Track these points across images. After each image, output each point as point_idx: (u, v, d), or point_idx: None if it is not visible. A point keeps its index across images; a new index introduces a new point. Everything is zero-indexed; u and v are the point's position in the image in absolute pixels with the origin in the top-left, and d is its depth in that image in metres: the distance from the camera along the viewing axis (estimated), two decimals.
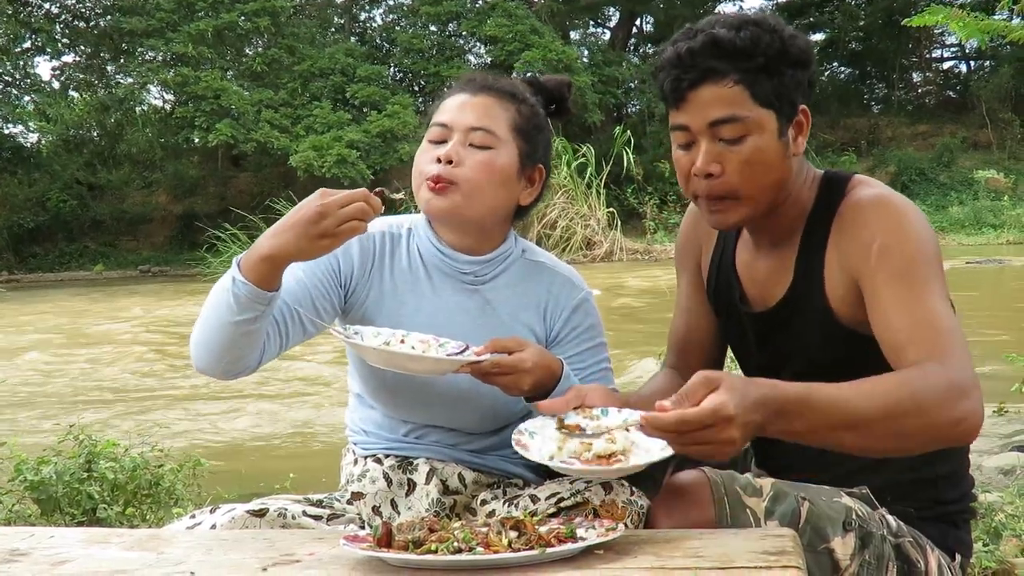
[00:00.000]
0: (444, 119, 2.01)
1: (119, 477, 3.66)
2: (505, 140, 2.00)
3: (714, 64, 1.80)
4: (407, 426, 2.07)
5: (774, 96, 1.82)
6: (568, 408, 1.79)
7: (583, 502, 1.82)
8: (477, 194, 1.98)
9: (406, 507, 2.01)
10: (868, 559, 1.79)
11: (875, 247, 1.79)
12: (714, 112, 1.82)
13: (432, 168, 1.97)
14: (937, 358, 1.66)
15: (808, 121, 1.90)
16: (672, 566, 1.46)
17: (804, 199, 1.93)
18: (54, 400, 8.38)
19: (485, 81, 2.06)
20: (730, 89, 1.81)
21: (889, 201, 1.84)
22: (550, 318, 2.08)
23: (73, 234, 31.22)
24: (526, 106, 2.05)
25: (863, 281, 1.81)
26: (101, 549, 1.70)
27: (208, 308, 1.91)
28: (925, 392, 1.60)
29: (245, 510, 1.94)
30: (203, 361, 1.94)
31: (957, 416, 1.61)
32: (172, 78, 28.56)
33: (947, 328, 1.71)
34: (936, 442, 1.67)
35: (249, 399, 8.04)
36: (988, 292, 14.25)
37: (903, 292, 1.75)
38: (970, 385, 1.64)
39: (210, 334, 1.90)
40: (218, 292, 1.88)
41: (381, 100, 28.21)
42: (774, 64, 1.81)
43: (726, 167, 1.83)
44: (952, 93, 34.25)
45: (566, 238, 21.86)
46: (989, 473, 4.42)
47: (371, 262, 2.06)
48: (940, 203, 26.80)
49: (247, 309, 1.83)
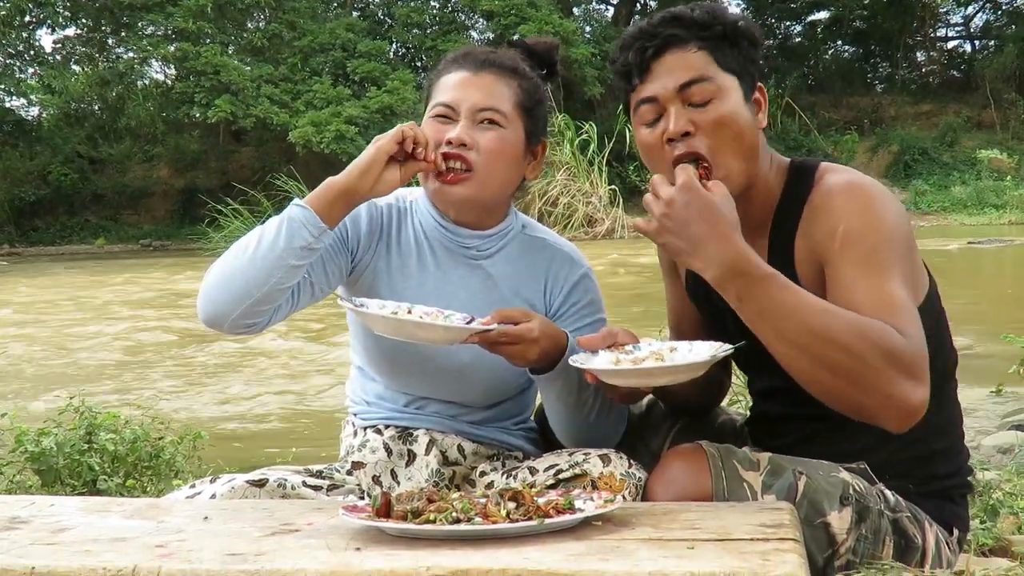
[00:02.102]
0: (448, 99, 1.98)
1: (119, 449, 3.66)
2: (512, 119, 1.99)
3: (676, 32, 1.84)
4: (407, 397, 2.07)
5: (735, 63, 1.85)
6: (603, 345, 1.81)
7: (581, 474, 1.83)
8: (491, 179, 1.98)
9: (406, 477, 2.02)
10: (865, 533, 1.79)
11: (840, 232, 1.78)
12: (682, 75, 1.82)
13: (442, 148, 1.95)
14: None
15: (765, 99, 1.91)
16: (669, 538, 1.47)
17: (772, 187, 1.92)
18: (55, 373, 8.40)
19: (484, 56, 2.03)
20: (694, 54, 1.84)
21: (858, 186, 1.83)
22: (550, 294, 2.08)
23: (74, 208, 31.20)
24: (527, 80, 2.03)
25: (828, 266, 1.80)
26: (101, 517, 1.71)
27: (241, 249, 1.87)
28: (877, 344, 1.61)
29: (245, 480, 1.94)
30: (218, 305, 1.86)
31: (898, 391, 1.61)
32: (173, 53, 28.48)
33: (906, 311, 1.69)
34: (862, 402, 1.64)
35: (252, 374, 8.06)
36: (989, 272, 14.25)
37: (863, 276, 1.73)
38: (918, 369, 1.63)
39: (242, 271, 1.84)
40: (263, 230, 1.86)
41: (381, 76, 28.09)
42: (731, 34, 1.85)
43: (700, 127, 1.82)
44: (956, 72, 34.10)
45: (567, 215, 21.82)
46: (987, 452, 4.43)
47: (379, 233, 2.06)
48: (943, 183, 26.74)
49: (299, 238, 1.82)
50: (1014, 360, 5.34)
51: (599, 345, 1.81)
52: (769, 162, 1.93)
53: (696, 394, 2.06)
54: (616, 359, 1.77)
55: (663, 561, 1.35)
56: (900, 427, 1.66)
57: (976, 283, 12.13)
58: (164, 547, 1.50)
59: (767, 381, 2.04)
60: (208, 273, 1.91)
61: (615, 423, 2.00)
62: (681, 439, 2.04)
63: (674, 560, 1.35)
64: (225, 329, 1.91)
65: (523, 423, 2.16)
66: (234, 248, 1.89)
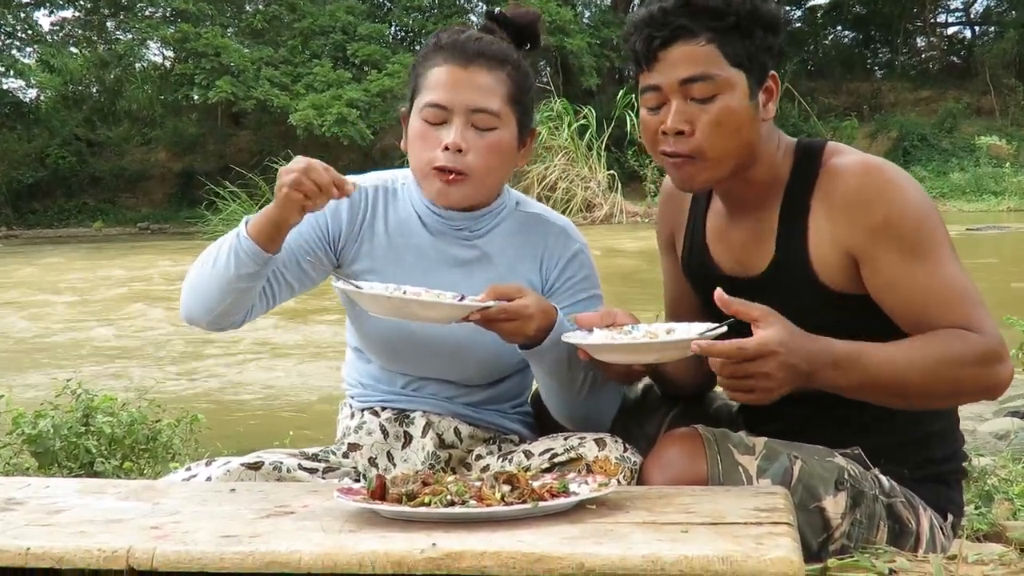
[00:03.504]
0: (440, 99, 1.96)
1: (116, 431, 3.67)
2: (505, 116, 1.98)
3: (686, 23, 1.80)
4: (404, 378, 2.07)
5: (745, 57, 1.82)
6: (601, 324, 1.81)
7: (576, 458, 1.83)
8: (488, 180, 1.99)
9: (402, 459, 2.02)
10: (859, 518, 1.80)
11: (878, 225, 1.78)
12: (685, 70, 1.81)
13: (439, 157, 1.94)
14: (965, 325, 1.72)
15: (778, 87, 1.89)
16: (664, 521, 1.47)
17: (779, 167, 1.92)
18: (51, 355, 8.40)
19: (473, 47, 1.98)
20: (702, 48, 1.81)
21: (880, 171, 1.83)
22: (546, 269, 2.07)
23: (72, 190, 31.12)
24: (516, 69, 2.01)
25: (868, 259, 1.80)
26: (96, 499, 1.71)
27: (207, 259, 1.93)
28: (964, 359, 1.70)
29: (240, 463, 1.95)
30: (192, 310, 1.98)
31: (994, 382, 1.73)
32: (172, 35, 28.36)
33: (968, 293, 1.76)
34: (966, 400, 1.86)
35: (248, 359, 8.06)
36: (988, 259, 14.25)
37: (916, 266, 1.76)
38: (1003, 351, 1.74)
39: (206, 284, 1.93)
40: (220, 246, 1.91)
41: (381, 59, 28.00)
42: (746, 24, 1.81)
43: (695, 126, 1.82)
44: (956, 59, 34.00)
45: (566, 200, 21.76)
46: (984, 438, 4.43)
47: (362, 217, 2.06)
48: (941, 169, 26.69)
49: (245, 266, 1.87)
50: (1012, 345, 5.34)
51: (597, 324, 1.81)
52: (775, 143, 1.92)
53: (692, 376, 2.06)
54: (611, 338, 1.77)
55: (657, 545, 1.35)
56: (998, 397, 1.82)
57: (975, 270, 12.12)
58: (159, 529, 1.50)
59: None
60: (187, 275, 1.99)
61: (608, 400, 2.00)
62: (677, 424, 2.04)
63: (668, 544, 1.36)
64: (203, 328, 2.02)
65: (519, 407, 2.16)
66: (201, 257, 1.96)
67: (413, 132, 2.00)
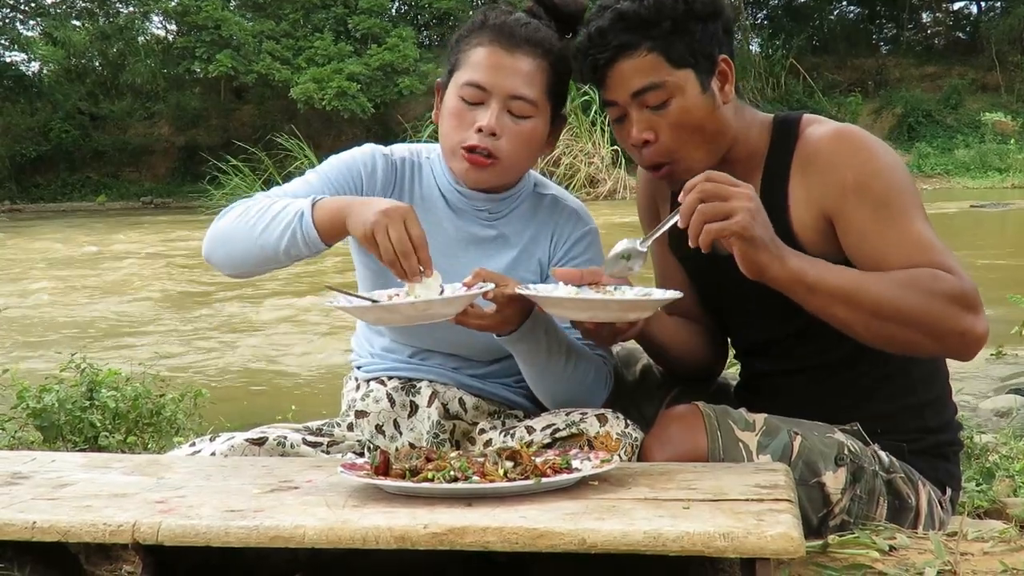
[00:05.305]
0: (481, 80, 1.94)
1: (121, 406, 3.68)
2: (541, 106, 1.97)
3: (624, 38, 1.84)
4: (412, 349, 2.08)
5: (689, 55, 1.85)
6: (583, 281, 1.79)
7: (578, 434, 1.84)
8: (515, 167, 2.00)
9: (408, 428, 2.04)
10: (859, 494, 1.82)
11: (848, 182, 1.81)
12: (634, 83, 1.85)
13: (471, 137, 1.94)
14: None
15: (731, 70, 1.91)
16: (665, 498, 1.48)
17: (756, 142, 1.95)
18: (55, 329, 8.42)
19: (521, 32, 1.96)
20: (645, 58, 1.84)
21: (849, 133, 1.87)
22: (553, 246, 2.08)
23: (75, 164, 31.12)
24: (559, 60, 1.99)
25: (840, 217, 1.83)
26: (102, 473, 1.72)
27: (248, 218, 1.89)
28: (934, 290, 1.68)
29: (244, 438, 1.96)
30: (219, 259, 1.95)
31: (967, 326, 1.70)
32: (173, 7, 28.30)
33: (938, 246, 1.76)
34: (935, 346, 1.75)
35: (252, 334, 8.07)
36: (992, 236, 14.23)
37: (887, 222, 1.78)
38: (977, 301, 1.71)
39: (243, 244, 1.89)
40: (270, 211, 1.87)
41: (382, 33, 27.93)
42: (682, 24, 1.84)
43: (659, 133, 1.88)
44: (961, 35, 33.84)
45: (570, 175, 21.74)
46: (985, 415, 4.45)
47: (393, 185, 2.07)
48: (946, 145, 26.62)
49: (297, 249, 1.85)
50: (1015, 323, 5.35)
51: (577, 280, 1.79)
52: (748, 120, 1.95)
53: (684, 343, 2.05)
54: (572, 293, 1.75)
55: (658, 521, 1.36)
56: (971, 356, 1.75)
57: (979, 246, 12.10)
58: (164, 503, 1.51)
59: (750, 337, 2.08)
60: (219, 221, 1.95)
61: (594, 386, 1.99)
62: (679, 400, 2.05)
63: (669, 520, 1.37)
64: (222, 273, 2.01)
65: (524, 381, 2.16)
66: (246, 213, 1.91)
67: (448, 108, 1.99)
